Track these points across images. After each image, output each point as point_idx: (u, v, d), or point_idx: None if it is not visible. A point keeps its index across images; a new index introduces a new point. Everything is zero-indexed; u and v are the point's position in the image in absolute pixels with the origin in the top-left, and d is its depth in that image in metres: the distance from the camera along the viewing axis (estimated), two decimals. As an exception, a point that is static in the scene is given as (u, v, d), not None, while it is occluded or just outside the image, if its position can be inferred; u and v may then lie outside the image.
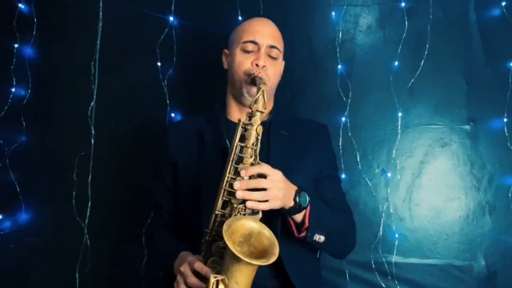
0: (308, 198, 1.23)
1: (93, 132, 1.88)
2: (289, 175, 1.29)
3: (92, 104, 1.89)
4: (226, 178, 1.19)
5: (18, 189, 1.90)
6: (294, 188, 1.23)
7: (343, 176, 1.79)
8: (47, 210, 1.90)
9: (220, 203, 1.19)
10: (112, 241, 1.88)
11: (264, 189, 1.15)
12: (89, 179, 1.86)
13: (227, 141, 1.37)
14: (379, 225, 1.79)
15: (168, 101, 1.88)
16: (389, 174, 1.81)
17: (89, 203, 1.85)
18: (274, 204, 1.17)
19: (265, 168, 1.17)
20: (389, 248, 1.79)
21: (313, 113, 1.84)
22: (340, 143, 1.82)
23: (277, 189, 1.16)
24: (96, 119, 1.89)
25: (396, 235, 1.79)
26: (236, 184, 1.15)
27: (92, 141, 1.88)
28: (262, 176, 1.16)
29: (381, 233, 1.79)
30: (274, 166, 1.29)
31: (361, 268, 1.79)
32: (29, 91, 1.93)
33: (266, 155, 1.36)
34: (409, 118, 1.84)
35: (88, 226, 1.85)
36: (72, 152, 1.89)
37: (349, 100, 1.84)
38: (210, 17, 1.89)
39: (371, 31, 1.88)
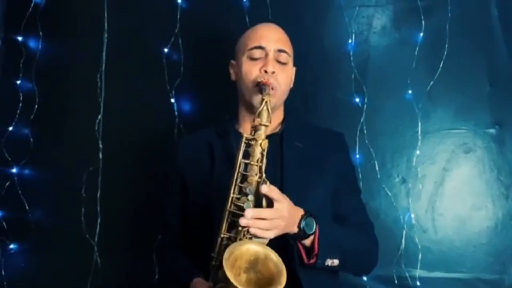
0: (314, 224, 1.15)
1: (100, 146, 1.84)
2: (306, 190, 1.23)
3: (99, 117, 1.85)
4: (230, 198, 1.13)
5: (27, 207, 1.88)
6: (300, 213, 1.15)
7: (361, 186, 1.69)
8: (56, 228, 1.86)
9: (225, 225, 1.12)
10: (122, 258, 1.83)
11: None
12: (98, 195, 1.82)
13: None
14: (401, 237, 1.70)
15: (176, 113, 1.83)
16: (409, 184, 1.73)
17: (99, 220, 1.81)
18: (275, 233, 1.09)
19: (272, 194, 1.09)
20: (412, 261, 1.69)
21: (328, 120, 1.75)
22: (357, 152, 1.74)
23: (281, 219, 1.09)
24: (103, 133, 1.85)
25: (419, 248, 1.69)
26: (243, 221, 1.06)
27: (101, 156, 1.84)
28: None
29: (403, 245, 1.70)
30: (288, 181, 1.23)
31: (383, 283, 1.69)
32: (36, 106, 1.90)
33: (280, 170, 1.29)
34: (429, 123, 1.74)
35: (98, 243, 1.81)
36: (80, 167, 1.85)
37: (365, 106, 1.76)
38: (216, 25, 1.83)
39: (385, 32, 1.79)
